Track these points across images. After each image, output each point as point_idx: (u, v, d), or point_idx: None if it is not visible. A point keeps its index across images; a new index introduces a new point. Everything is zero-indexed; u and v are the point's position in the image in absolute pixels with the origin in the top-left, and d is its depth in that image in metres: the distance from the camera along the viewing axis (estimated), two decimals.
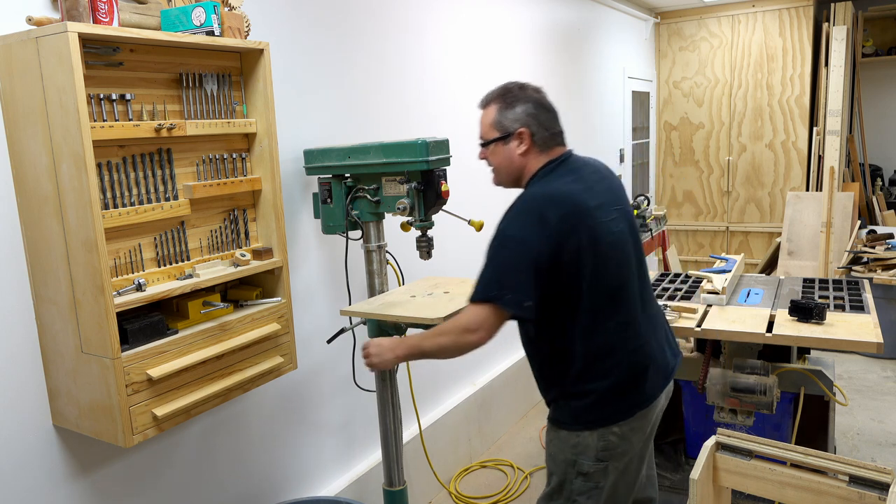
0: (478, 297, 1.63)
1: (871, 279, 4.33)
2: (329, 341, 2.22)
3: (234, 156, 1.94)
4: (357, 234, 2.32)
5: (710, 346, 2.74)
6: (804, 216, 5.55)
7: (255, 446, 2.30)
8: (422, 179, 2.09)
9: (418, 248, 2.19)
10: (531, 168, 1.79)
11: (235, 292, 2.01)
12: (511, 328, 1.78)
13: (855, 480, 1.59)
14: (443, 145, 2.10)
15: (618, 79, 5.53)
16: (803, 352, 2.85)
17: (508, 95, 1.77)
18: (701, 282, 3.08)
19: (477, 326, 1.62)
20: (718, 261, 3.40)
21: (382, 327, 2.18)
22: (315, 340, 2.46)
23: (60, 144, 1.48)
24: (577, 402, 1.74)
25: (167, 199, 1.75)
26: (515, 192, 1.81)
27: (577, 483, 1.75)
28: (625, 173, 5.77)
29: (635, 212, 4.89)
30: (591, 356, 1.71)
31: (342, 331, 2.19)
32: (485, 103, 1.83)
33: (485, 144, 1.83)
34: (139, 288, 1.66)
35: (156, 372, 1.64)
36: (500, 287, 1.60)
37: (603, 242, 1.67)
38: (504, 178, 1.86)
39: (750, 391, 2.50)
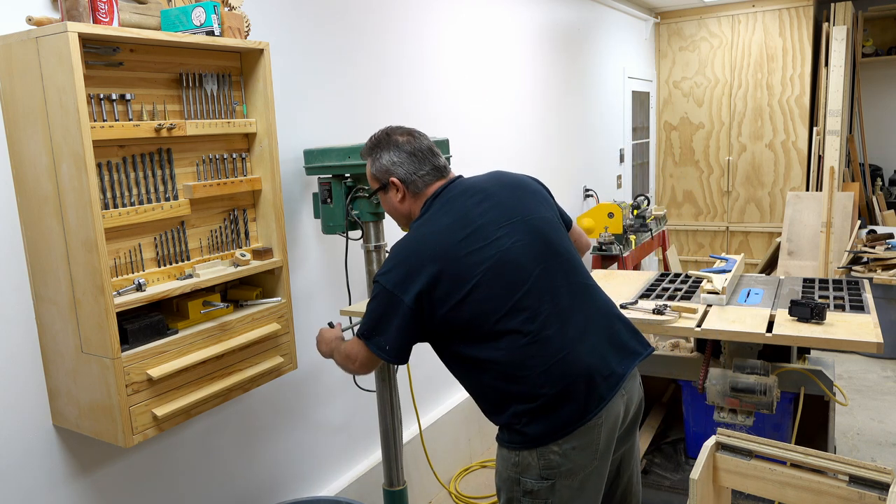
0: (358, 332, 1.74)
1: (871, 279, 4.33)
2: None
3: (234, 156, 1.94)
4: (357, 234, 2.32)
5: (710, 346, 2.74)
6: (804, 216, 5.55)
7: (255, 446, 2.30)
8: None
9: None
10: (414, 211, 1.80)
11: (235, 292, 2.01)
12: None
13: (855, 480, 1.59)
14: (442, 145, 2.11)
15: (618, 79, 5.53)
16: (803, 352, 2.85)
17: (375, 148, 1.81)
18: (701, 282, 3.08)
19: (355, 358, 1.75)
20: (718, 261, 3.39)
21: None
22: (315, 340, 2.46)
23: (60, 144, 1.48)
24: (506, 424, 1.68)
25: (167, 199, 1.75)
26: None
27: (525, 501, 1.68)
28: (625, 173, 5.78)
29: (634, 211, 4.88)
30: (501, 383, 1.65)
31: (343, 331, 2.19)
32: (364, 156, 1.89)
33: (370, 195, 2.08)
34: (139, 288, 1.66)
35: (156, 372, 1.64)
36: (370, 330, 1.68)
37: (477, 272, 1.62)
38: (401, 224, 1.89)
39: (750, 391, 2.50)
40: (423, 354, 3.06)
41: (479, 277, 1.62)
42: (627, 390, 1.74)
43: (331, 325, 2.12)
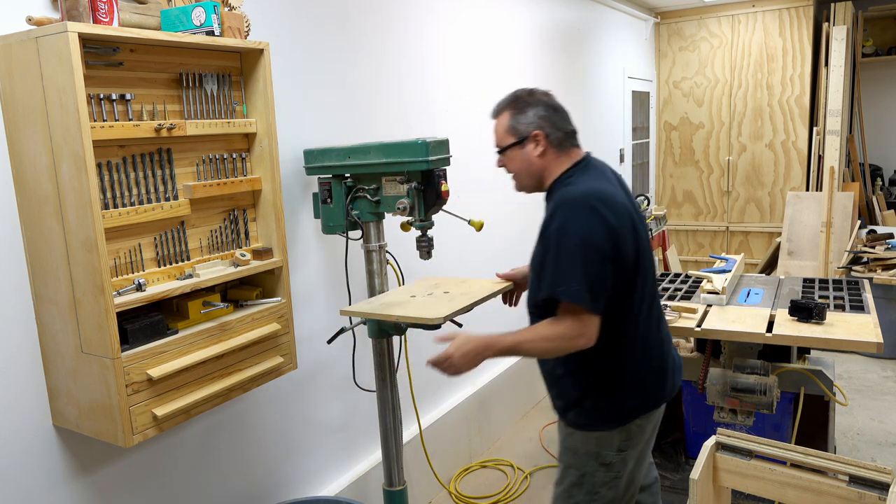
0: (563, 295, 1.64)
1: (871, 279, 4.33)
2: (329, 341, 2.22)
3: (234, 156, 1.94)
4: (357, 234, 2.32)
5: (710, 346, 2.74)
6: (804, 216, 5.55)
7: (255, 446, 2.30)
8: (422, 179, 2.09)
9: (418, 248, 2.19)
10: (553, 170, 1.82)
11: (235, 292, 2.01)
12: (518, 326, 1.78)
13: (855, 480, 1.59)
14: (443, 145, 2.10)
15: (618, 79, 5.53)
16: (803, 352, 2.85)
17: (519, 101, 1.83)
18: (701, 282, 3.08)
19: (580, 333, 1.65)
20: (718, 261, 3.40)
21: (382, 327, 2.18)
22: (315, 340, 2.46)
23: (60, 144, 1.48)
24: (606, 401, 1.78)
25: (167, 199, 1.75)
26: (517, 197, 1.82)
27: (599, 475, 1.80)
28: (625, 173, 5.77)
29: None
30: (630, 351, 1.77)
31: (342, 330, 2.19)
32: (496, 112, 1.89)
33: (502, 151, 1.88)
34: (139, 288, 1.66)
35: (156, 372, 1.64)
36: (589, 290, 1.62)
37: (641, 241, 1.74)
38: (526, 182, 1.88)
39: (750, 391, 2.50)
40: (424, 354, 3.06)
41: (643, 246, 1.75)
42: None
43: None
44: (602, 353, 1.74)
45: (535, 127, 1.79)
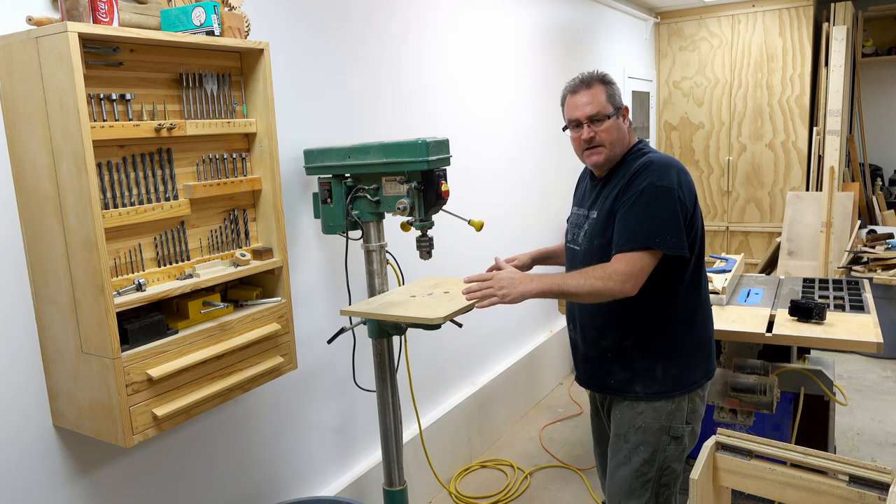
0: (636, 245, 1.75)
1: (871, 279, 4.33)
2: (329, 341, 2.22)
3: (234, 156, 1.94)
4: (357, 234, 2.32)
5: None
6: (804, 216, 5.55)
7: (255, 446, 2.30)
8: (422, 179, 2.09)
9: (418, 248, 2.19)
10: (631, 142, 1.99)
11: (235, 292, 2.01)
12: (518, 326, 1.78)
13: (855, 480, 1.59)
14: (443, 145, 2.10)
15: (618, 79, 5.51)
16: (803, 352, 2.85)
17: (605, 77, 1.95)
18: None
19: (634, 275, 1.74)
20: (718, 261, 3.40)
21: (382, 327, 2.18)
22: (315, 340, 2.46)
23: (60, 144, 1.48)
24: (678, 367, 1.89)
25: (167, 199, 1.75)
26: (517, 197, 1.83)
27: (670, 449, 1.91)
28: None
29: None
30: (695, 318, 1.92)
31: (342, 330, 2.19)
32: (587, 84, 1.94)
33: (604, 119, 1.91)
34: (139, 288, 1.66)
35: (156, 372, 1.64)
36: (661, 233, 1.75)
37: (701, 215, 1.91)
38: (616, 152, 1.95)
39: (750, 391, 2.50)
40: (424, 354, 3.07)
41: (701, 217, 1.91)
42: None
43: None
44: (671, 320, 1.89)
45: (622, 102, 1.95)
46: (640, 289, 1.79)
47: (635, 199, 1.80)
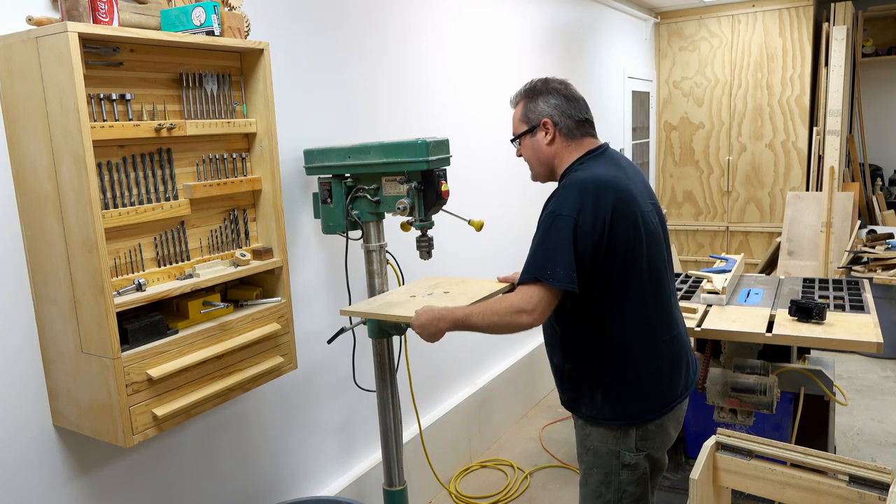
0: (528, 277, 1.65)
1: (871, 279, 4.33)
2: (329, 341, 2.22)
3: (234, 156, 1.94)
4: (357, 234, 2.32)
5: (710, 346, 2.74)
6: (804, 216, 5.55)
7: (255, 446, 2.30)
8: (422, 179, 2.09)
9: (418, 248, 2.19)
10: (563, 158, 1.83)
11: (235, 292, 2.01)
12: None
13: (855, 480, 1.59)
14: (443, 145, 2.10)
15: (618, 79, 5.53)
16: (803, 352, 2.85)
17: (533, 90, 1.85)
18: (701, 282, 3.08)
19: (532, 307, 1.63)
20: (718, 261, 3.40)
21: (382, 327, 2.18)
22: (315, 340, 2.46)
23: (60, 144, 1.48)
24: (616, 397, 1.76)
25: (167, 199, 1.75)
26: (517, 197, 1.82)
27: (623, 474, 1.80)
28: None
29: None
30: (633, 341, 1.74)
31: (342, 330, 2.19)
32: (514, 102, 1.90)
33: (514, 139, 1.90)
34: (139, 288, 1.66)
35: (156, 372, 1.64)
36: (552, 265, 1.61)
37: (646, 230, 1.73)
38: (538, 171, 1.89)
39: (750, 391, 2.50)
40: (424, 354, 3.07)
41: (647, 234, 1.72)
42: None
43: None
44: (604, 352, 1.76)
45: (545, 115, 1.81)
46: (572, 316, 1.75)
47: (538, 226, 1.72)
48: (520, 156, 1.93)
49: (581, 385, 1.83)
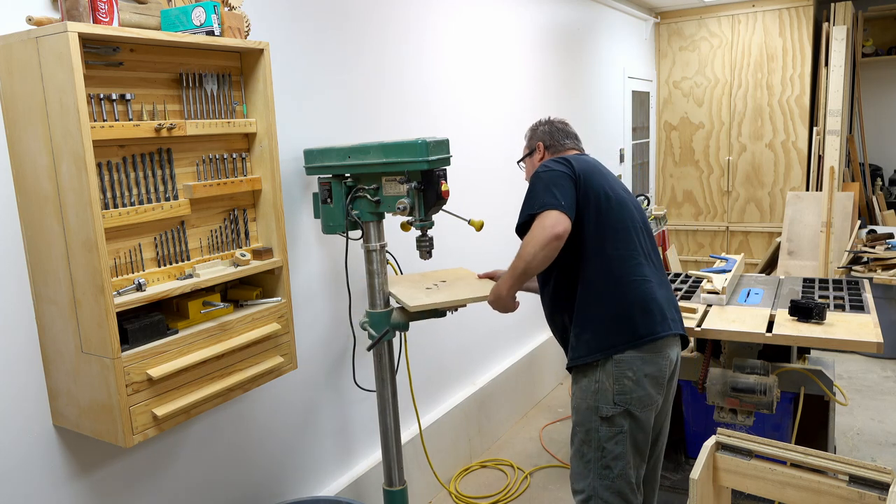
0: (536, 210, 1.91)
1: (871, 279, 4.33)
2: (369, 349, 2.26)
3: (234, 156, 1.94)
4: (357, 234, 2.32)
5: (710, 346, 2.74)
6: (804, 216, 5.55)
7: (255, 446, 2.30)
8: (422, 179, 2.09)
9: (418, 247, 2.19)
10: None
11: (235, 292, 2.01)
12: (518, 326, 1.78)
13: (855, 480, 1.59)
14: (443, 145, 2.10)
15: (618, 79, 5.53)
16: (803, 352, 2.86)
17: (535, 126, 2.36)
18: (701, 282, 3.08)
19: (554, 221, 1.87)
20: (718, 261, 3.40)
21: (392, 323, 2.24)
22: (315, 340, 2.46)
23: (60, 144, 1.48)
24: (591, 333, 1.97)
25: (167, 199, 1.75)
26: (517, 198, 1.86)
27: (602, 430, 1.95)
28: (625, 173, 5.77)
29: None
30: (602, 282, 1.97)
31: (386, 333, 2.23)
32: (525, 136, 2.39)
33: (519, 161, 2.40)
34: (139, 288, 1.66)
35: (156, 372, 1.64)
36: (552, 196, 1.91)
37: (615, 195, 2.02)
38: None
39: (750, 391, 2.50)
40: (424, 353, 3.07)
41: (611, 198, 2.02)
42: (676, 344, 2.07)
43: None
44: (578, 291, 2.00)
45: (537, 140, 2.30)
46: (552, 271, 2.03)
47: (529, 189, 2.03)
48: (527, 179, 2.24)
49: (570, 333, 2.04)
